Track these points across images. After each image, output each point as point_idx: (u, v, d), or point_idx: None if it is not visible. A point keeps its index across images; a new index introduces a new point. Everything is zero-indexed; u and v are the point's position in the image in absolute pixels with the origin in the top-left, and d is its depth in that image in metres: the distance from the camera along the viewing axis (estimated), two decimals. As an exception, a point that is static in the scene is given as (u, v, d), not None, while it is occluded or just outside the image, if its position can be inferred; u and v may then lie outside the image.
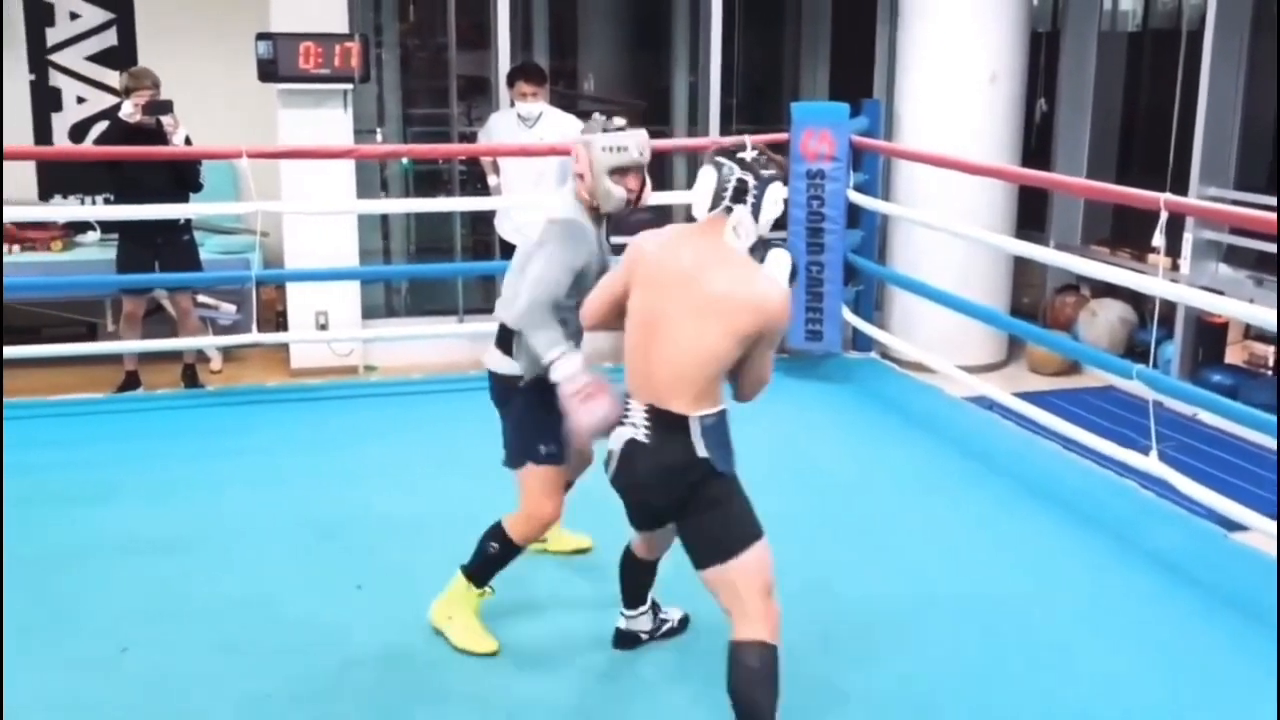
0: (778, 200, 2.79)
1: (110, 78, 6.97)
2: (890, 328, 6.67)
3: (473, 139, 6.95)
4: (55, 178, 7.13)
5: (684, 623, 3.45)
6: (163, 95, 5.64)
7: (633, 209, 3.29)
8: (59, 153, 6.98)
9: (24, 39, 7.02)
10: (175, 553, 3.95)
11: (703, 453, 2.74)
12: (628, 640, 3.38)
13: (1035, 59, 7.14)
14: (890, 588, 3.80)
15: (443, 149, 7.29)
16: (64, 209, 7.09)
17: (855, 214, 6.17)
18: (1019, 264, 6.95)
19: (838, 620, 3.54)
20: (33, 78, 7.08)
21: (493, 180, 6.39)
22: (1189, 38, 6.65)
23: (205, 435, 5.14)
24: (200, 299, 6.47)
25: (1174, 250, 6.14)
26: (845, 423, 5.49)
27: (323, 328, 6.52)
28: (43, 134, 7.12)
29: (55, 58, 7.11)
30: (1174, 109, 6.63)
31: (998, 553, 4.11)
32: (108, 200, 6.65)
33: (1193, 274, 6.10)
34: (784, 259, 2.80)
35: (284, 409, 5.60)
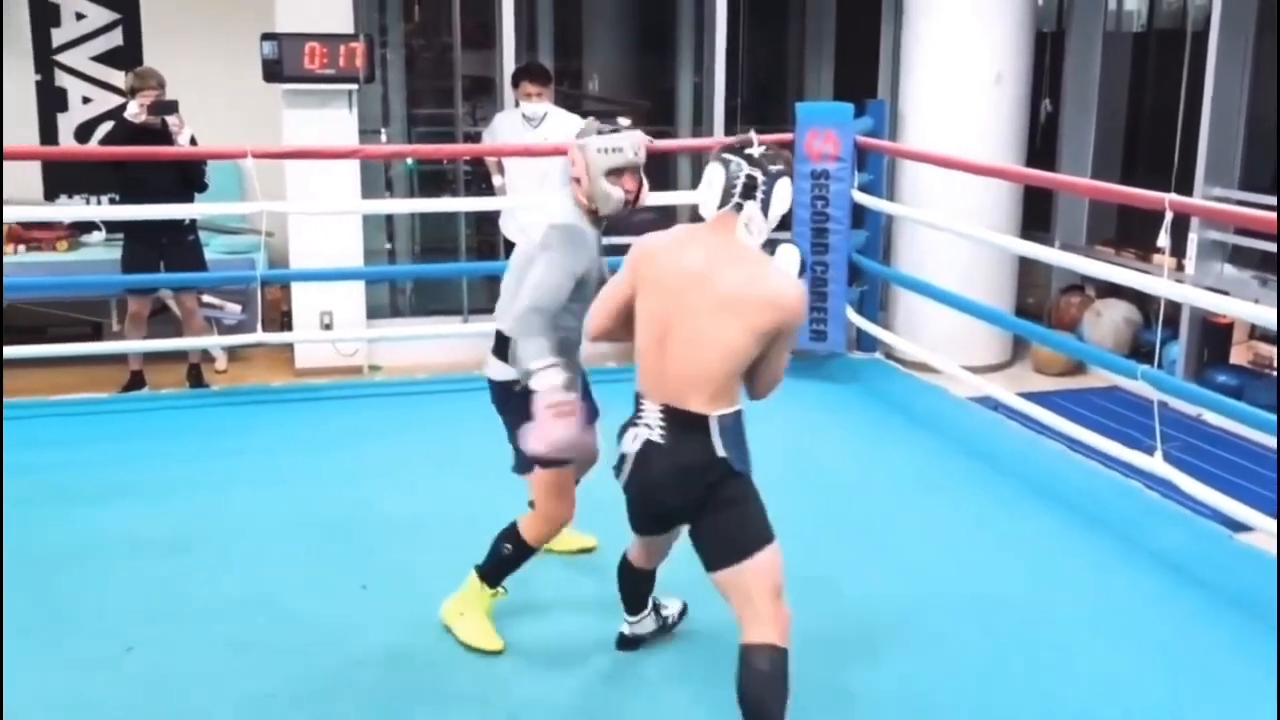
0: (786, 195, 2.76)
1: (116, 78, 6.98)
2: (895, 328, 6.66)
3: (477, 139, 6.95)
4: (61, 178, 7.15)
5: (683, 612, 3.46)
6: (168, 95, 5.65)
7: (632, 209, 3.30)
8: (64, 153, 6.99)
9: (30, 39, 7.04)
10: (179, 552, 3.96)
11: (721, 452, 2.70)
12: (632, 644, 3.37)
13: (1040, 59, 7.12)
14: (894, 587, 3.80)
15: (447, 149, 7.29)
16: (69, 209, 7.11)
17: (860, 214, 6.17)
18: (1024, 264, 6.94)
19: (841, 620, 3.54)
20: (38, 78, 7.10)
21: (497, 180, 6.40)
22: (1194, 38, 6.63)
23: (210, 435, 5.15)
24: (205, 299, 6.48)
25: (1179, 250, 6.11)
26: (849, 423, 5.49)
27: (327, 328, 6.53)
28: (48, 134, 7.14)
29: (61, 58, 7.12)
30: (1179, 109, 6.62)
31: (1001, 553, 4.11)
32: (113, 200, 6.66)
33: (1198, 274, 6.08)
34: (793, 254, 2.78)
35: (288, 409, 5.61)
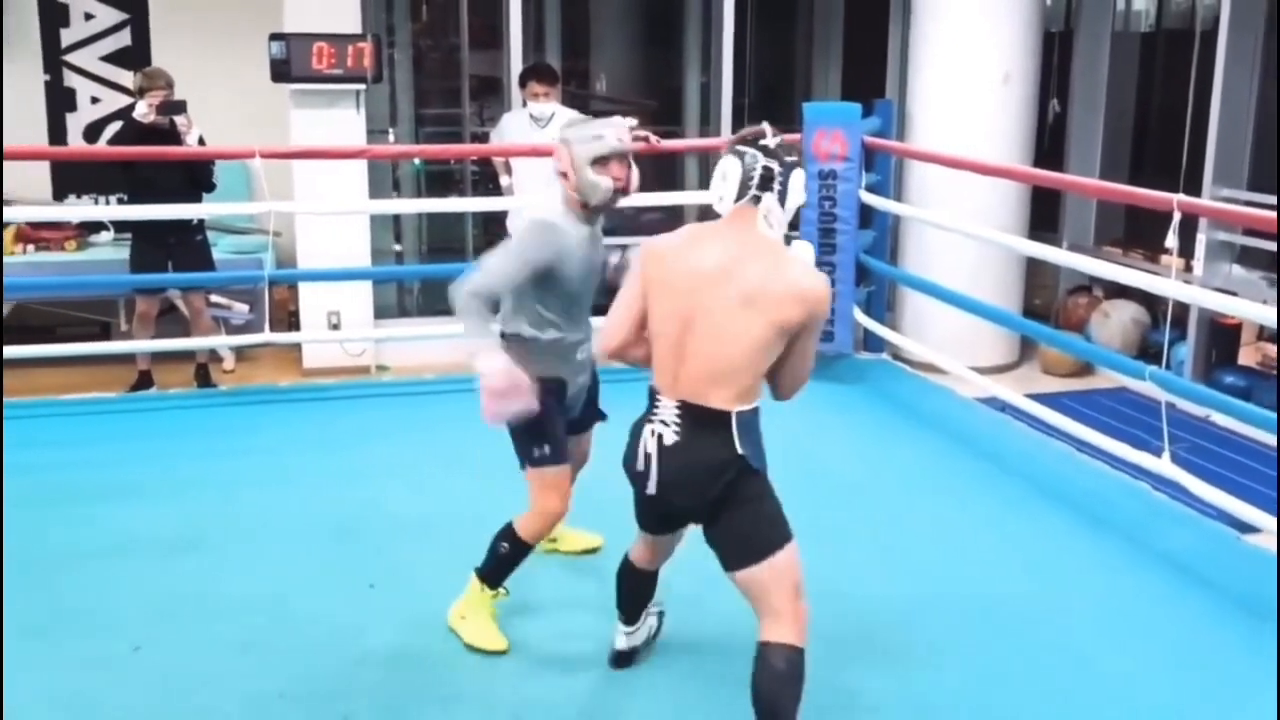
0: (801, 187, 2.71)
1: (124, 78, 7.00)
2: (902, 328, 6.65)
3: (485, 139, 6.96)
4: (69, 178, 7.17)
5: (661, 616, 3.39)
6: (176, 95, 5.66)
7: (622, 197, 3.26)
8: (73, 153, 7.01)
9: (39, 39, 7.06)
10: (187, 551, 3.97)
11: (740, 449, 2.65)
12: (627, 659, 3.29)
13: (1048, 59, 7.12)
14: (900, 588, 3.80)
15: (455, 149, 7.30)
16: (78, 209, 7.13)
17: (867, 214, 6.17)
18: (1031, 265, 6.93)
19: (846, 620, 3.53)
20: (47, 78, 7.11)
21: (505, 180, 6.40)
22: (1202, 38, 6.62)
23: (217, 435, 5.16)
24: (213, 299, 6.50)
25: (1187, 251, 6.11)
26: (856, 423, 5.48)
27: (335, 327, 6.54)
28: (57, 134, 7.16)
29: (70, 58, 7.14)
30: (1187, 109, 6.61)
31: (1009, 553, 4.11)
32: (121, 200, 6.68)
33: (1206, 275, 6.07)
34: (807, 250, 2.76)
35: (296, 409, 5.62)
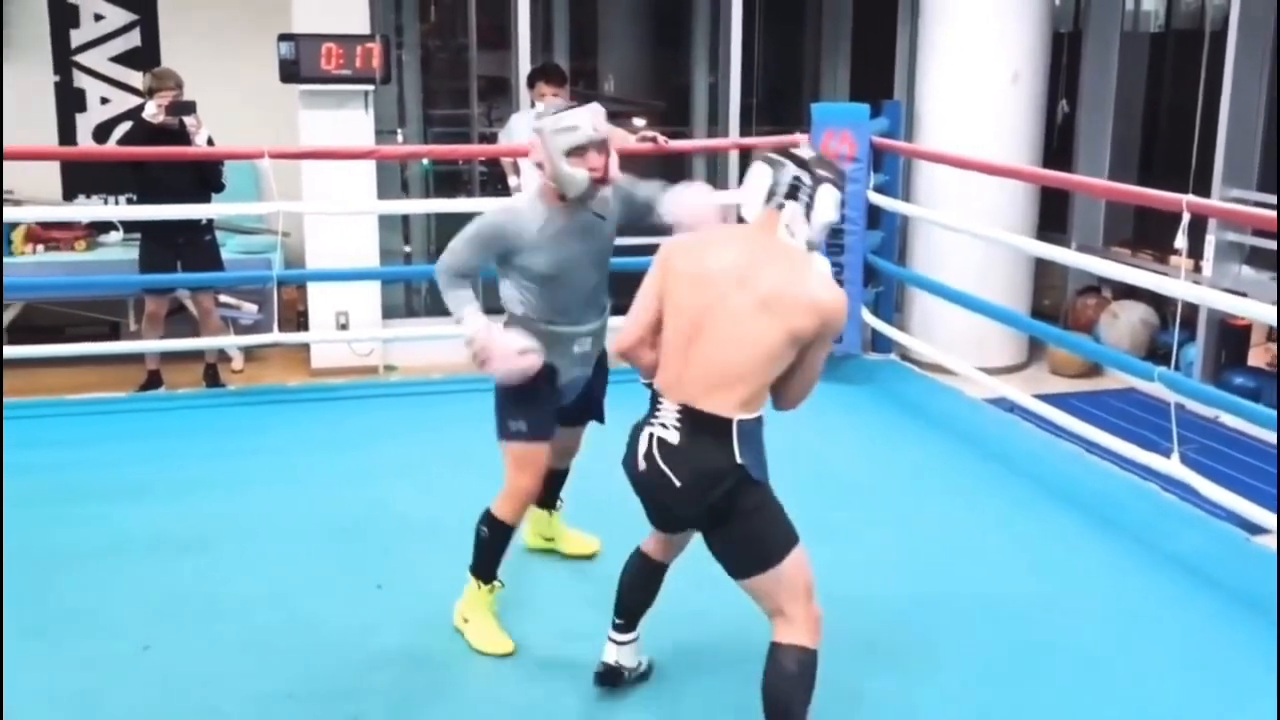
0: (832, 203, 2.65)
1: (134, 78, 7.02)
2: (910, 329, 6.65)
3: (493, 140, 6.97)
4: (79, 178, 7.19)
5: (650, 666, 3.24)
6: (185, 96, 5.67)
7: (602, 186, 3.20)
8: (83, 153, 7.03)
9: (49, 40, 7.08)
10: (196, 551, 3.97)
11: (740, 459, 2.60)
12: (611, 677, 3.11)
13: (1057, 59, 7.11)
14: (907, 588, 3.79)
15: (463, 150, 7.31)
16: (87, 209, 7.15)
17: (875, 215, 6.16)
18: (1040, 265, 6.92)
19: (853, 620, 3.51)
20: (57, 79, 7.14)
21: (513, 181, 6.40)
22: (1212, 38, 6.60)
23: (226, 434, 5.16)
24: (222, 299, 6.51)
25: (1196, 252, 6.10)
26: (864, 424, 5.47)
27: (343, 328, 6.55)
28: (67, 134, 7.18)
29: (79, 59, 7.17)
30: (1197, 110, 6.60)
31: (1017, 554, 4.10)
32: (131, 200, 6.70)
33: (1215, 276, 6.06)
34: (823, 263, 2.72)
35: (304, 409, 5.63)
